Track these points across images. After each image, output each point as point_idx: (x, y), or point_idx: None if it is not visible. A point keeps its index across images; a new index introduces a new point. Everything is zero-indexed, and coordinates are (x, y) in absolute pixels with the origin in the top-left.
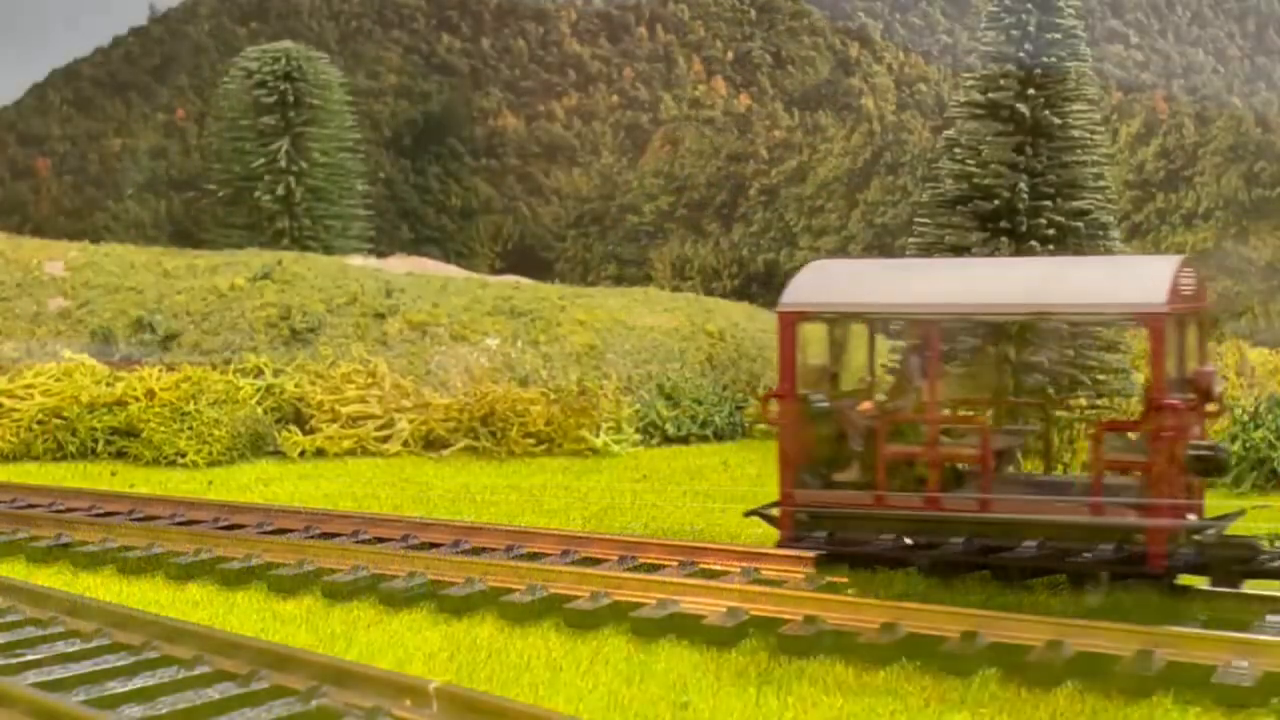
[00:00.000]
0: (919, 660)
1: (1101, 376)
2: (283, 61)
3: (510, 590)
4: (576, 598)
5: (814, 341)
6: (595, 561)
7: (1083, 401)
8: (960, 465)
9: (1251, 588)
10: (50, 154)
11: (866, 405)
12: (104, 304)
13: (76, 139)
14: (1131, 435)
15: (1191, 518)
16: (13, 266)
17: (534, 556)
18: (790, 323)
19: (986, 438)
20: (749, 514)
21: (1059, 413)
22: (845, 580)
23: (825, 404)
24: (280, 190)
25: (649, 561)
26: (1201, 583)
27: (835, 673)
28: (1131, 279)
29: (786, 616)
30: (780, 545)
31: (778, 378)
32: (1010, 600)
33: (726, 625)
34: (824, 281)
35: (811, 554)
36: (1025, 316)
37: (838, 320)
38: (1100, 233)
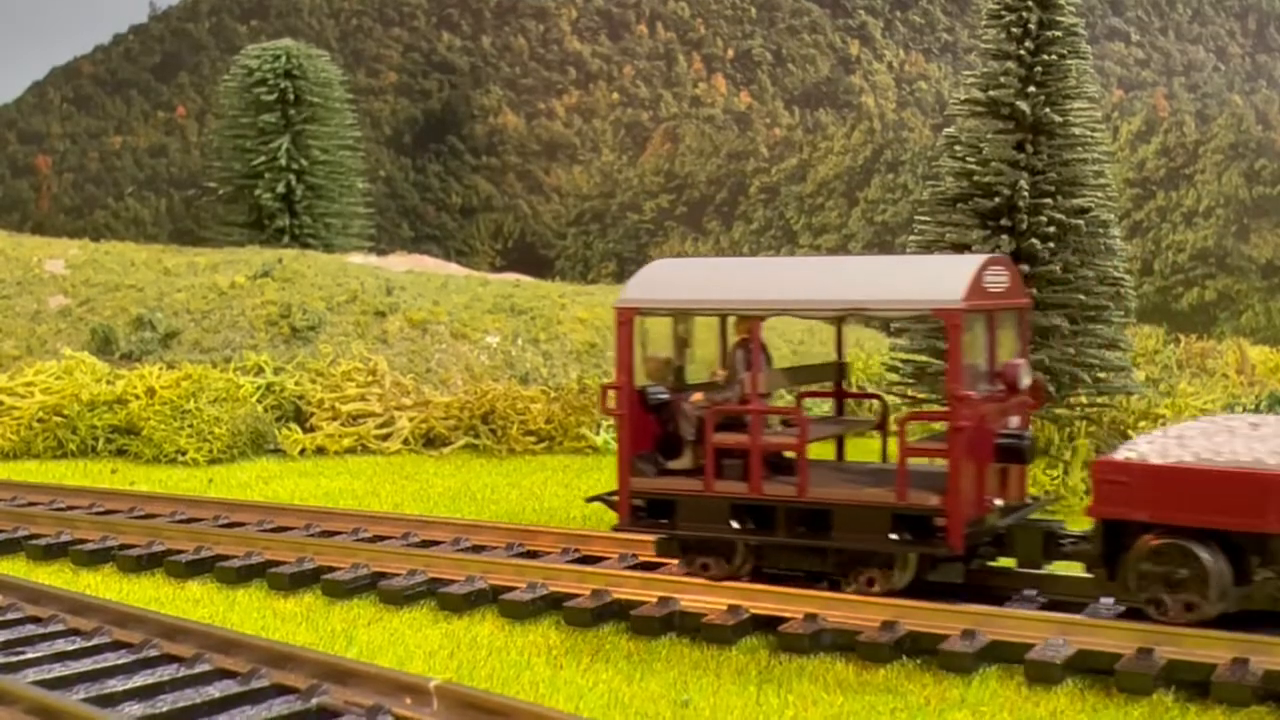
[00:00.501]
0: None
1: (1102, 374)
2: (283, 59)
3: (511, 588)
4: (577, 595)
5: (658, 336)
6: (596, 559)
7: (1083, 399)
8: (788, 453)
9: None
10: (50, 152)
11: (697, 396)
12: (104, 302)
13: (77, 137)
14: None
15: (998, 503)
16: (13, 264)
17: (534, 554)
18: (626, 319)
19: (804, 428)
20: (590, 500)
21: (1060, 410)
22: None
23: (663, 395)
24: (280, 188)
25: (649, 559)
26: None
27: (835, 670)
28: (934, 277)
29: (787, 614)
30: (616, 529)
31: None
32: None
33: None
34: (658, 279)
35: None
36: (838, 312)
37: (676, 316)
38: (1101, 230)
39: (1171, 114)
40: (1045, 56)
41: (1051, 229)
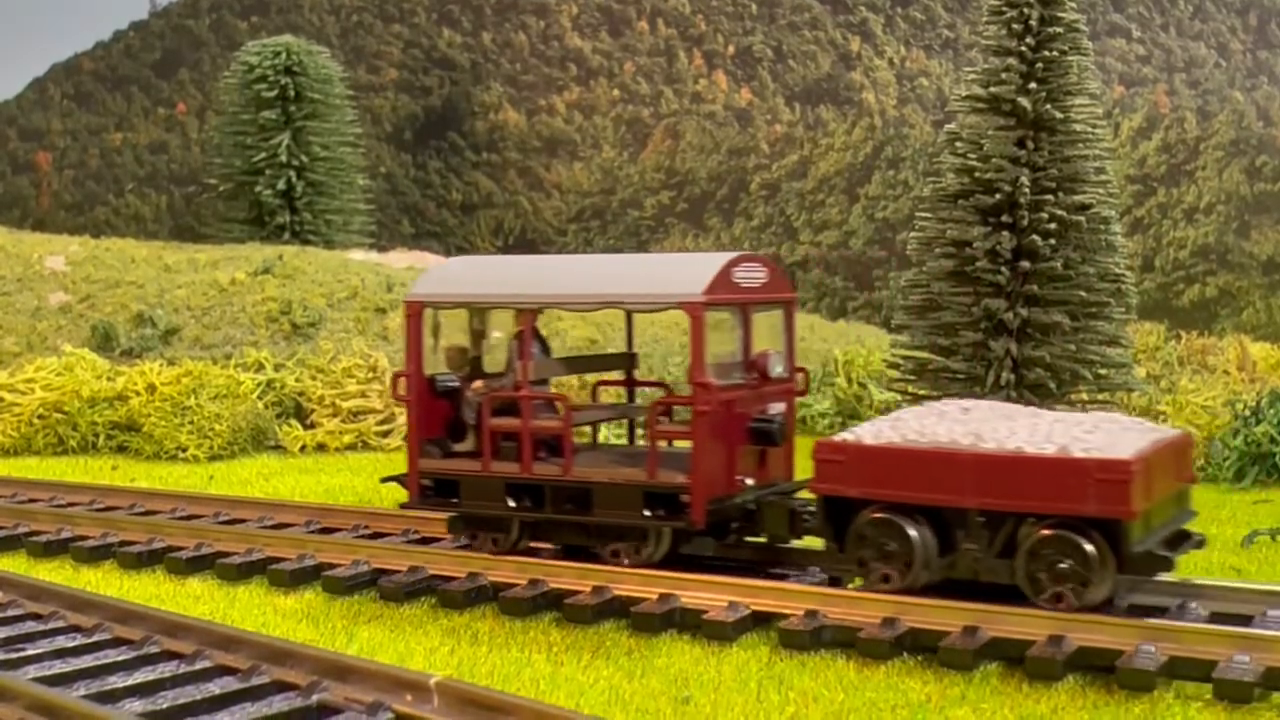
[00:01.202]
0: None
1: (1103, 371)
2: (283, 56)
3: (512, 585)
4: (578, 592)
5: (454, 328)
6: (596, 556)
7: (1084, 396)
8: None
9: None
10: (51, 148)
11: (478, 384)
12: (105, 298)
13: (77, 133)
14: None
15: (749, 482)
16: (14, 261)
17: (535, 551)
18: (414, 312)
19: (568, 413)
20: (384, 480)
21: (1061, 407)
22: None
23: (453, 383)
24: (281, 185)
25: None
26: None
27: (836, 667)
28: (680, 273)
29: (788, 611)
30: (404, 507)
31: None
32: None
33: (728, 620)
34: (445, 276)
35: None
36: (596, 306)
37: (457, 309)
38: (1102, 227)
39: (1172, 110)
40: (1046, 53)
41: (1052, 225)
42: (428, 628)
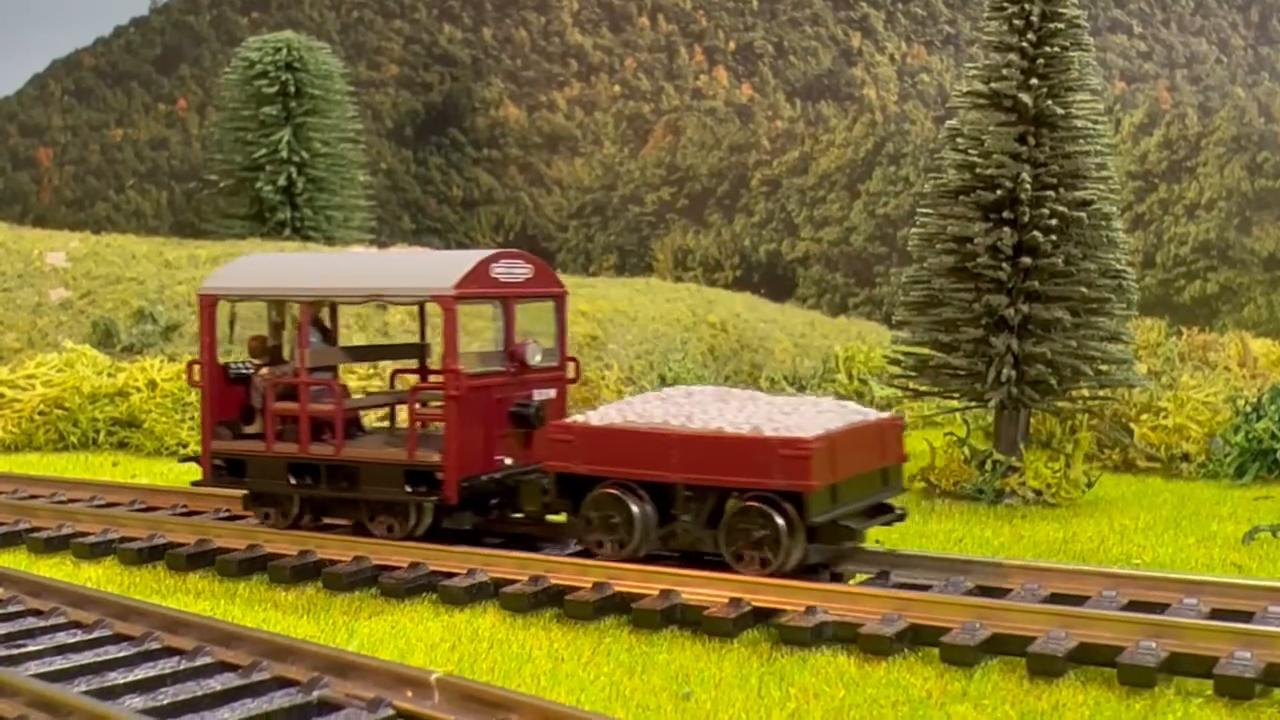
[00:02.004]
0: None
1: (1104, 367)
2: (284, 52)
3: (513, 581)
4: (578, 588)
5: (252, 319)
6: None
7: (1085, 392)
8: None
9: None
10: (51, 144)
11: (264, 370)
12: (105, 295)
13: (78, 129)
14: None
15: (508, 462)
16: (14, 257)
17: (533, 547)
18: (207, 305)
19: (340, 398)
20: (182, 460)
21: (1061, 403)
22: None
23: (245, 370)
24: (282, 181)
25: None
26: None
27: (837, 663)
28: (437, 269)
29: (789, 607)
30: (196, 485)
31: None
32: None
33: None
34: (236, 272)
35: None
36: (362, 299)
37: (244, 302)
38: (1103, 223)
39: (1174, 106)
40: (1047, 49)
41: (1054, 221)
42: (428, 624)
